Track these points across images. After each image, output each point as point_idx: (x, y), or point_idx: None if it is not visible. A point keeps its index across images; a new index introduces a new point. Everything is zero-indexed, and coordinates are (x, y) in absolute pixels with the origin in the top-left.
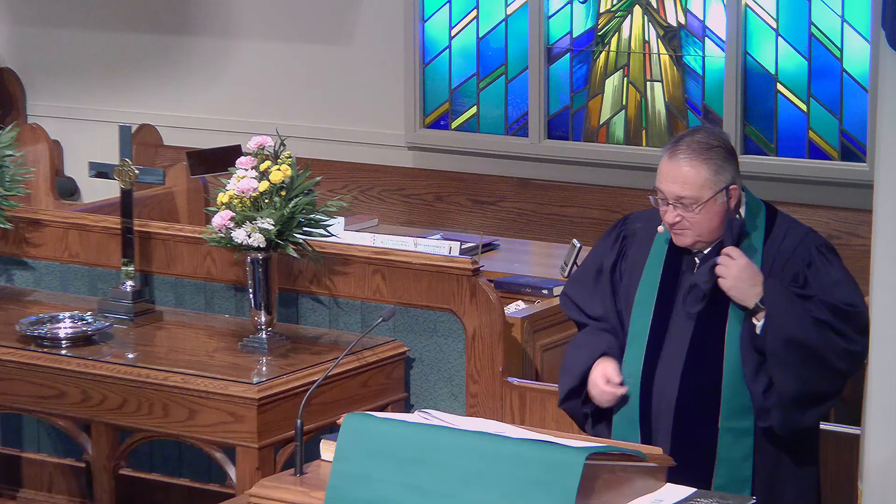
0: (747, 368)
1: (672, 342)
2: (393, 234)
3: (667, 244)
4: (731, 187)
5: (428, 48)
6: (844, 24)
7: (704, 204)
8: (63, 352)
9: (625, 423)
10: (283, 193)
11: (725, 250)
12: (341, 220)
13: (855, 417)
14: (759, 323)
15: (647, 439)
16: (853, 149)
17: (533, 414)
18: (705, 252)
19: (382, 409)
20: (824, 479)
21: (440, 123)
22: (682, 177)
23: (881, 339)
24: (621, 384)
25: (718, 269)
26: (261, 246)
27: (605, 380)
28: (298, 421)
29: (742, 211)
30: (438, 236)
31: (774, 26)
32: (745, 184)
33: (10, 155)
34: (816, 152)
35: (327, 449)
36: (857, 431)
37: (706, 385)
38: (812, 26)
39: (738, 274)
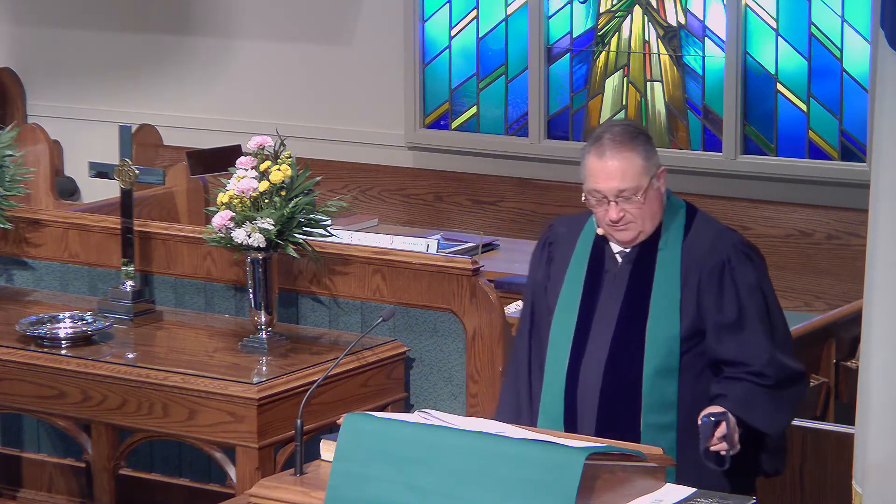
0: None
1: (596, 340)
2: (392, 234)
3: (590, 246)
4: (661, 170)
5: (428, 48)
6: (844, 24)
7: (645, 191)
8: (63, 352)
9: (549, 419)
10: (283, 193)
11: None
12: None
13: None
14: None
15: (570, 427)
16: (853, 149)
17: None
18: (628, 250)
19: (382, 409)
20: (824, 479)
21: (440, 123)
22: (618, 170)
23: (877, 339)
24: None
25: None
26: (261, 246)
27: None
28: (298, 421)
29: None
30: (438, 236)
31: (774, 26)
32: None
33: (10, 155)
34: (816, 152)
35: (327, 449)
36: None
37: (628, 381)
38: (812, 26)
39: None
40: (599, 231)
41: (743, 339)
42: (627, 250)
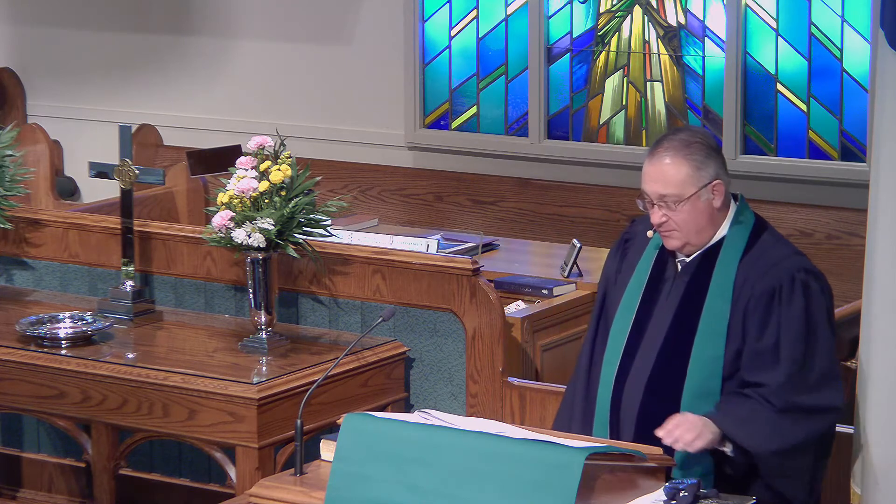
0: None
1: (645, 350)
2: (392, 234)
3: (657, 250)
4: (715, 183)
5: (428, 48)
6: (844, 24)
7: (687, 200)
8: (63, 352)
9: (599, 425)
10: (283, 193)
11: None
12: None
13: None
14: (727, 449)
15: (614, 436)
16: (853, 149)
17: (533, 414)
18: (688, 259)
19: (382, 409)
20: (824, 479)
21: (440, 123)
22: (663, 175)
23: (876, 339)
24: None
25: (667, 442)
26: (261, 246)
27: None
28: (298, 421)
29: (728, 220)
30: (438, 236)
31: (774, 26)
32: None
33: (10, 155)
34: (816, 152)
35: (327, 449)
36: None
37: (667, 400)
38: (812, 26)
39: (685, 428)
40: (650, 233)
41: (768, 373)
42: (688, 259)
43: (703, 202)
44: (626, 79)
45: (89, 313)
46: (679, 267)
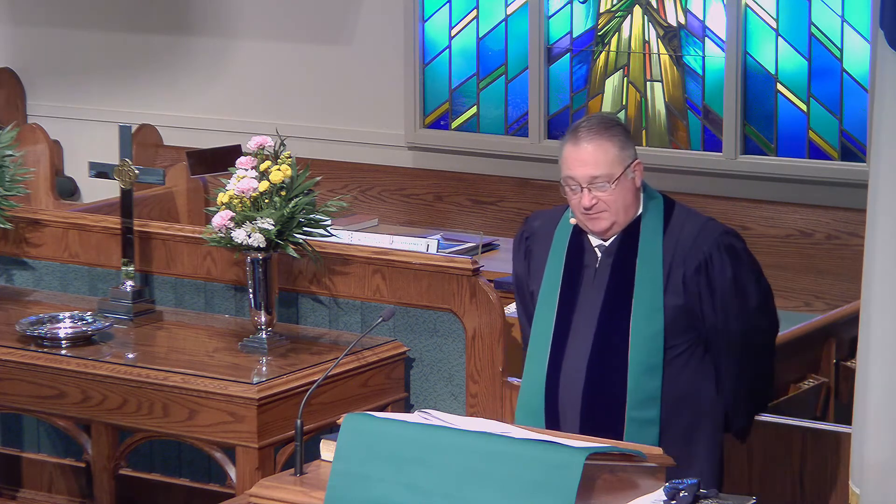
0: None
1: (578, 335)
2: (392, 234)
3: (568, 239)
4: (636, 162)
5: (428, 48)
6: (844, 24)
7: (618, 180)
8: (63, 352)
9: (529, 414)
10: (283, 193)
11: None
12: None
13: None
14: None
15: (553, 425)
16: (853, 149)
17: None
18: (607, 244)
19: (382, 409)
20: (824, 479)
21: (440, 123)
22: (592, 158)
23: (875, 339)
24: None
25: None
26: (261, 246)
27: None
28: (298, 421)
29: (641, 197)
30: (438, 236)
31: (774, 26)
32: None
33: (10, 155)
34: (816, 152)
35: (327, 449)
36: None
37: (612, 377)
38: (812, 26)
39: None
40: (572, 221)
41: (724, 351)
42: (607, 243)
43: (629, 181)
44: (626, 79)
45: (89, 313)
46: (598, 253)
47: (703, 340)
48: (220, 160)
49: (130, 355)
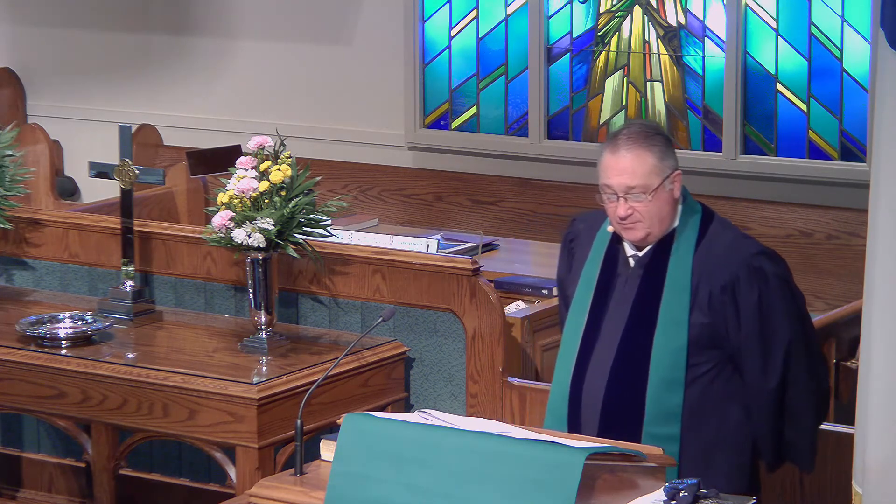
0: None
1: (603, 344)
2: (392, 234)
3: (606, 245)
4: (675, 173)
5: (428, 48)
6: (844, 24)
7: (655, 191)
8: (63, 352)
9: (554, 419)
10: (283, 193)
11: None
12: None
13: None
14: None
15: (574, 430)
16: (853, 149)
17: (533, 414)
18: (640, 253)
19: (382, 409)
20: (824, 479)
21: (440, 123)
22: (629, 167)
23: (876, 339)
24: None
25: None
26: (261, 246)
27: None
28: (298, 421)
29: (679, 208)
30: (438, 236)
31: (774, 26)
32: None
33: (10, 155)
34: (816, 152)
35: (327, 449)
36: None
37: (632, 390)
38: (812, 26)
39: None
40: (609, 228)
41: (751, 367)
42: (640, 253)
43: (667, 192)
44: (626, 79)
45: (89, 313)
46: (632, 262)
47: (731, 360)
48: (220, 160)
49: (130, 355)
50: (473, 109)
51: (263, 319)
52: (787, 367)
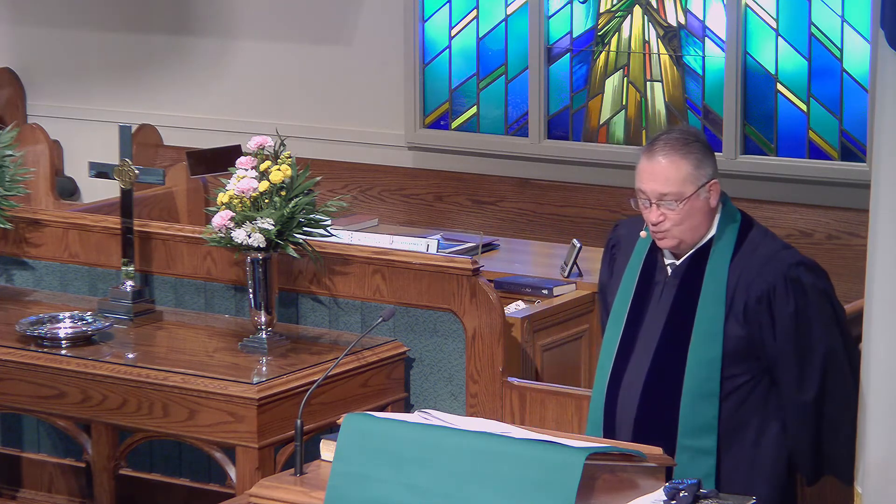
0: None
1: (639, 354)
2: (392, 234)
3: (645, 253)
4: (712, 182)
5: (428, 48)
6: (844, 24)
7: (688, 199)
8: (63, 352)
9: (592, 426)
10: (283, 193)
11: None
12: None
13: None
14: None
15: (609, 438)
16: (853, 149)
17: (533, 414)
18: (678, 262)
19: (382, 409)
20: (824, 479)
21: (440, 123)
22: (663, 174)
23: (876, 339)
24: None
25: None
26: (261, 246)
27: None
28: (298, 421)
29: (717, 219)
30: (438, 236)
31: (774, 26)
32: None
33: (10, 155)
34: (816, 152)
35: (327, 449)
36: None
37: (665, 402)
38: (812, 26)
39: None
40: (643, 234)
41: (787, 380)
42: (677, 262)
43: (702, 201)
44: (626, 79)
45: (89, 313)
46: (669, 270)
47: (768, 372)
48: (220, 160)
49: (130, 355)
50: (473, 109)
51: (263, 319)
52: (825, 379)
